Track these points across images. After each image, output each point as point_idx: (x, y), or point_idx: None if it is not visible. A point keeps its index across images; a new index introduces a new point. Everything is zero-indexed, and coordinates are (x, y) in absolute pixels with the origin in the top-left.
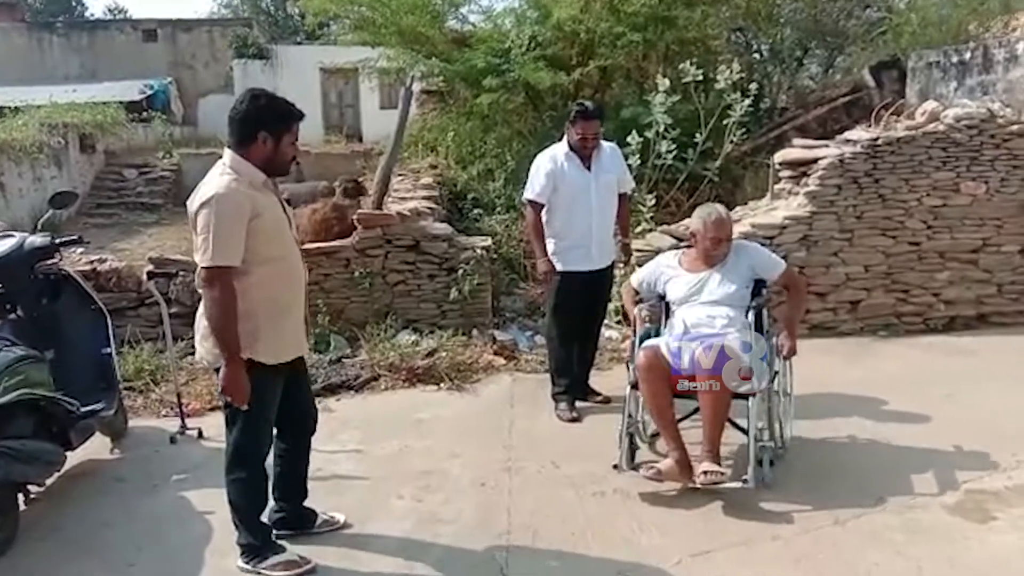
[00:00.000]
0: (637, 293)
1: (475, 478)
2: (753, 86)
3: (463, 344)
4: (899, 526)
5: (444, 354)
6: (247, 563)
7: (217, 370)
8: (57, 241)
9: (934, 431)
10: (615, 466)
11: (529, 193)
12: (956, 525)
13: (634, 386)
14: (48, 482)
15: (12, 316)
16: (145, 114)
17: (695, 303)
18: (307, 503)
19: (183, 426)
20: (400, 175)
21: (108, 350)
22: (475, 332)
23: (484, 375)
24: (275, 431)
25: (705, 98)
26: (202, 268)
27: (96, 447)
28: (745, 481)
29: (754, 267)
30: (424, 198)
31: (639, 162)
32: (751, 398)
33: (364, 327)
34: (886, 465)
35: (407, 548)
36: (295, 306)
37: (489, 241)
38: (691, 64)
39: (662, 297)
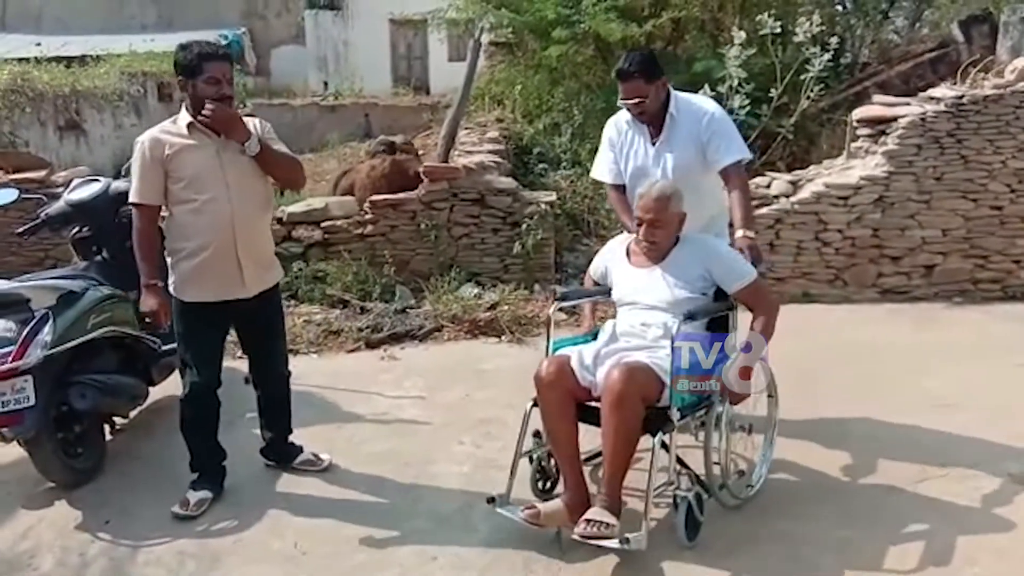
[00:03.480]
0: (597, 284)
1: (532, 428)
2: (834, 40)
3: (525, 298)
4: (960, 493)
5: (506, 308)
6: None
7: None
8: None
9: (1004, 400)
10: (491, 499)
11: (595, 171)
12: (1021, 495)
13: (536, 403)
14: (131, 415)
15: (98, 257)
16: None
17: (633, 306)
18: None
19: None
20: (467, 128)
21: None
22: (537, 287)
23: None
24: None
25: (783, 52)
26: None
27: (175, 384)
28: (625, 541)
29: (710, 271)
30: (490, 152)
31: None
32: (659, 433)
33: (428, 279)
34: (951, 432)
35: (466, 490)
36: (212, 249)
37: (554, 196)
38: (769, 16)
39: (609, 291)
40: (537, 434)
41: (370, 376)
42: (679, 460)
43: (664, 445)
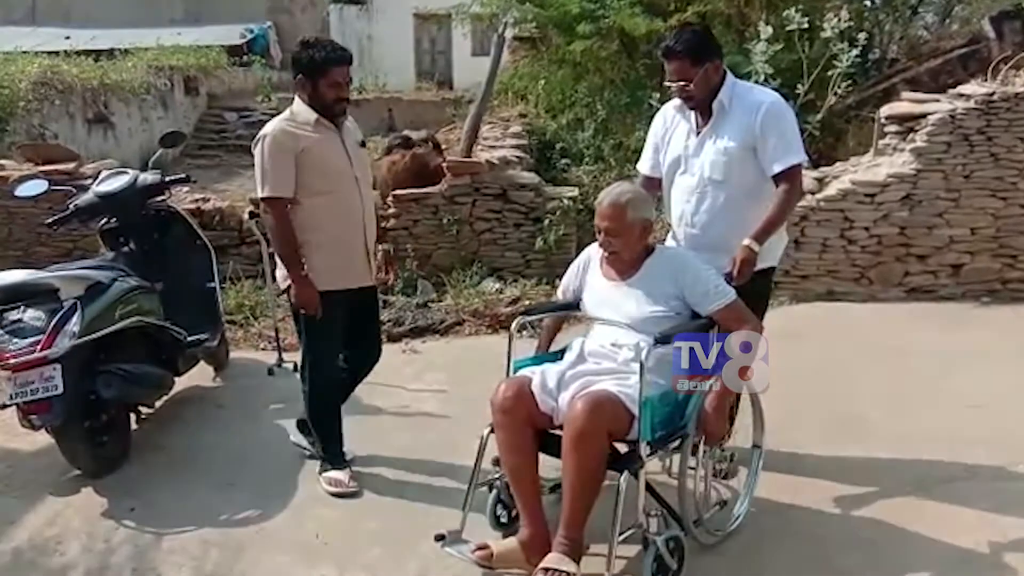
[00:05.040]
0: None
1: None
2: (862, 35)
3: (546, 294)
4: (988, 495)
5: (527, 302)
6: (318, 471)
7: (286, 291)
8: (167, 179)
9: None
10: (440, 537)
11: (640, 163)
12: None
13: (493, 429)
14: (157, 405)
15: (126, 249)
16: (245, 58)
17: (603, 322)
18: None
19: (280, 359)
20: (490, 123)
21: (212, 284)
22: (558, 282)
23: (565, 325)
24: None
25: (810, 47)
26: (260, 199)
27: (200, 375)
28: None
29: (683, 288)
30: (513, 147)
31: None
32: (624, 473)
33: (450, 273)
34: (979, 433)
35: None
36: (345, 239)
37: (576, 192)
38: (796, 11)
39: (578, 304)
40: (497, 462)
41: (392, 369)
42: (652, 494)
43: (635, 477)
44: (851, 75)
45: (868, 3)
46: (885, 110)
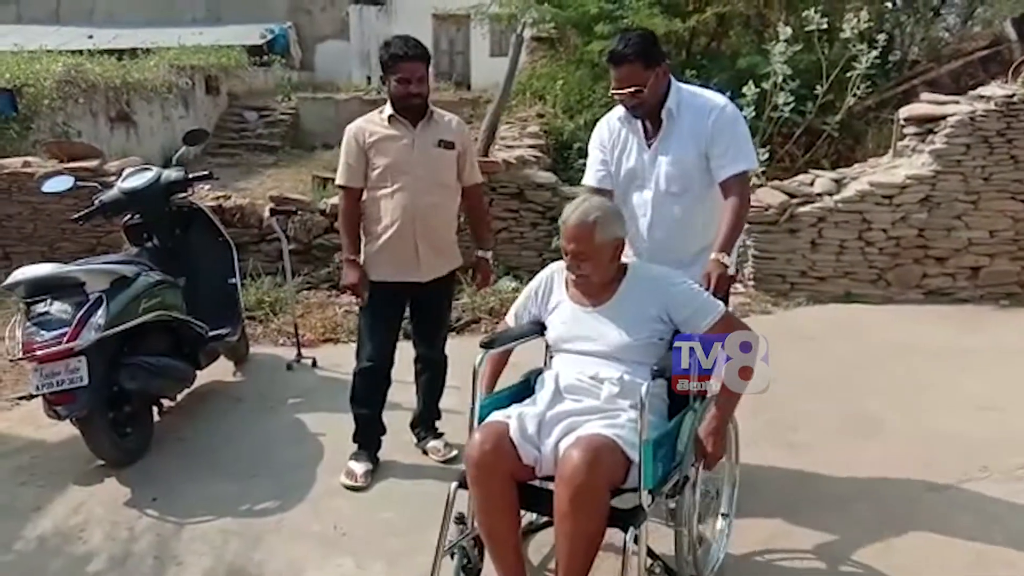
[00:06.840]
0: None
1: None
2: (882, 36)
3: None
4: (1001, 496)
5: None
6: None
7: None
8: (190, 176)
9: None
10: None
11: (585, 178)
12: None
13: (462, 484)
14: (178, 398)
15: (149, 244)
16: (265, 58)
17: (576, 352)
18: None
19: (299, 355)
20: (507, 123)
21: (233, 280)
22: None
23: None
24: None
25: (829, 48)
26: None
27: (220, 369)
28: None
29: (669, 314)
30: (530, 146)
31: (754, 114)
32: (631, 528)
33: (466, 272)
34: (993, 435)
35: None
36: (391, 234)
37: None
38: (816, 12)
39: (543, 329)
40: (460, 519)
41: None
42: (649, 552)
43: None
44: (871, 76)
45: (889, 4)
46: (904, 111)
